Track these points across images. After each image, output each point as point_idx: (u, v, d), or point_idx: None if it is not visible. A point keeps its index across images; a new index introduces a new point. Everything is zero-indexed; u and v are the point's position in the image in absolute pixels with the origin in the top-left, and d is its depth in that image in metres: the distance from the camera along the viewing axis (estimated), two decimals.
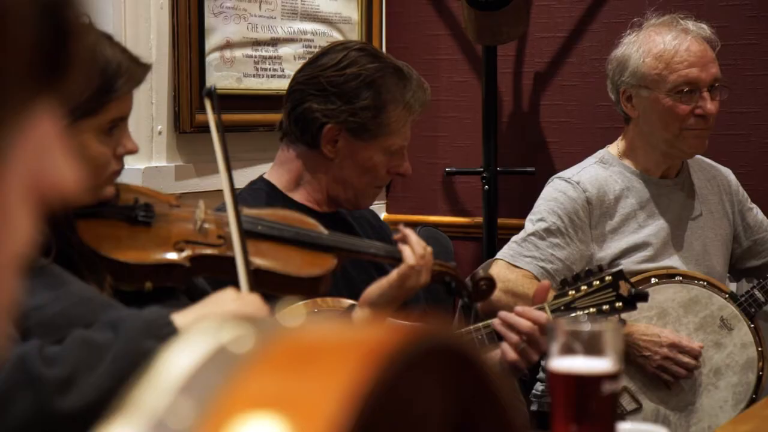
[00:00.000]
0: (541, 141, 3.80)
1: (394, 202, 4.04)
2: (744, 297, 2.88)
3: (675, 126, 2.83)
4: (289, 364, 0.53)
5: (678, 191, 2.98)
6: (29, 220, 0.57)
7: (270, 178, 2.48)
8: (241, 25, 3.31)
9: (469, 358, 0.59)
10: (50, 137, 0.57)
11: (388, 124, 2.37)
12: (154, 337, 1.59)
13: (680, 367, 2.75)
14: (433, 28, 3.94)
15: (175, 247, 1.86)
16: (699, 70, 2.82)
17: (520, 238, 2.88)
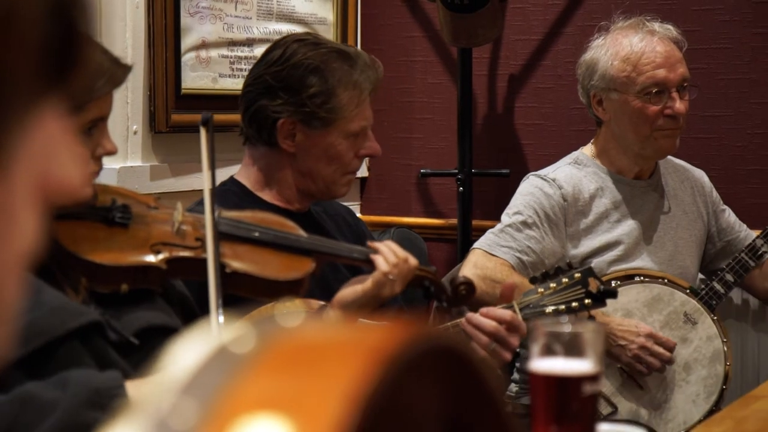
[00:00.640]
0: (515, 143, 3.81)
1: (369, 204, 4.04)
2: (705, 290, 2.91)
3: (646, 127, 2.86)
4: (291, 365, 0.53)
5: (651, 192, 3.00)
6: (34, 220, 0.57)
7: (239, 178, 2.46)
8: (217, 26, 3.31)
9: (465, 357, 0.60)
10: (56, 136, 0.57)
11: (341, 108, 2.34)
12: (100, 408, 1.54)
13: (654, 358, 2.77)
14: (409, 30, 3.95)
15: (152, 249, 1.85)
16: (667, 71, 2.85)
17: (497, 230, 2.90)
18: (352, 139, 2.38)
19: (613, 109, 2.90)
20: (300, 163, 2.39)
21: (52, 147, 0.57)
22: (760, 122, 3.50)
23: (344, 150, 2.38)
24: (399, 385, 0.53)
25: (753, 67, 3.50)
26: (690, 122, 3.53)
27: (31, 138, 0.55)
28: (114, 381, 1.59)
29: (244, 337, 0.56)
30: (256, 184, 2.44)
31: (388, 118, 3.95)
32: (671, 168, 3.09)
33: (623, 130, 2.91)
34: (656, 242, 2.96)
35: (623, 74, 2.86)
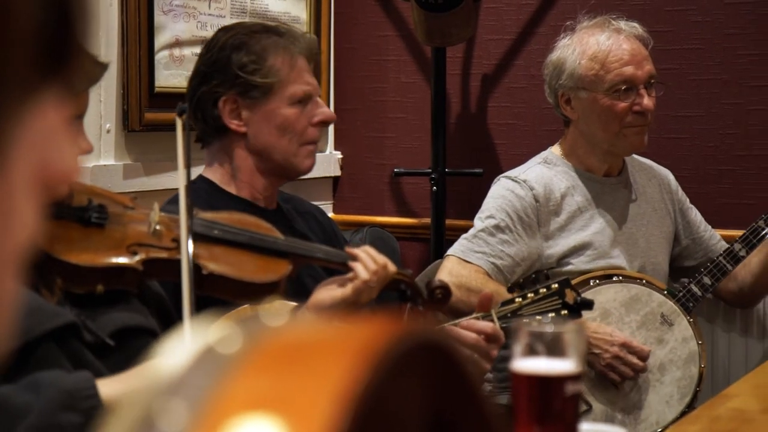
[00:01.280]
0: (488, 142, 3.82)
1: (341, 203, 4.04)
2: (682, 292, 2.93)
3: (615, 124, 2.88)
4: (280, 364, 0.53)
5: (621, 189, 3.02)
6: (34, 211, 0.57)
7: (207, 175, 2.46)
8: (191, 24, 3.29)
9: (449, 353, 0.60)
10: (54, 126, 0.57)
11: (274, 72, 2.34)
12: (73, 409, 1.53)
13: (628, 367, 2.78)
14: (382, 29, 3.94)
15: (128, 249, 1.83)
16: (634, 68, 2.87)
17: (470, 235, 2.91)
18: (299, 106, 2.38)
19: (582, 107, 2.92)
20: (253, 141, 2.39)
21: (51, 136, 0.56)
22: (732, 123, 3.52)
23: (293, 117, 2.38)
24: (387, 383, 0.53)
25: (725, 68, 3.52)
26: (662, 122, 3.55)
27: (29, 128, 0.55)
28: (86, 382, 1.58)
29: (230, 337, 0.55)
30: (223, 178, 2.43)
31: (361, 117, 3.94)
32: (638, 166, 3.11)
33: (592, 128, 2.92)
34: (629, 238, 2.98)
35: (591, 72, 2.88)
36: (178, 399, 0.52)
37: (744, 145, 3.51)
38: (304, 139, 2.40)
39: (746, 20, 3.50)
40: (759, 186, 3.49)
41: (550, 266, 2.90)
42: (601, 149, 2.95)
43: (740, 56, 3.51)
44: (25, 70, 0.53)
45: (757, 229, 2.91)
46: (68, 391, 1.55)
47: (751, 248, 2.93)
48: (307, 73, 2.41)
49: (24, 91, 0.54)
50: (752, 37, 3.49)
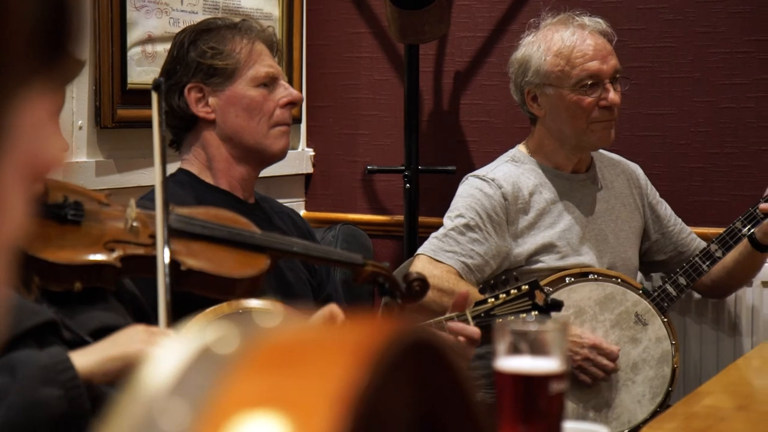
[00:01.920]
0: (461, 140, 3.82)
1: (313, 200, 4.03)
2: (657, 292, 2.94)
3: (582, 119, 2.88)
4: (279, 364, 0.53)
5: (590, 185, 3.03)
6: (23, 204, 0.56)
7: (186, 167, 2.47)
8: (163, 20, 3.27)
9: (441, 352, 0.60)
10: (42, 119, 0.56)
11: (234, 54, 2.39)
12: (52, 383, 1.55)
13: (598, 369, 2.79)
14: (354, 26, 3.94)
15: (106, 246, 1.82)
16: (600, 63, 2.88)
17: (440, 234, 2.91)
18: (264, 88, 2.42)
19: (549, 104, 2.92)
20: (222, 126, 2.41)
21: (39, 129, 0.56)
22: (703, 120, 3.54)
23: (259, 98, 2.41)
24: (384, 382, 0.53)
25: (696, 66, 3.54)
26: (633, 120, 3.57)
27: (23, 118, 0.54)
28: (60, 355, 1.60)
29: (227, 337, 0.55)
30: (202, 168, 2.45)
31: (334, 114, 3.94)
32: (606, 161, 3.12)
33: (560, 124, 2.93)
34: (598, 235, 2.99)
35: (557, 68, 2.88)
36: (179, 399, 0.51)
37: (715, 142, 3.53)
38: (274, 120, 2.43)
39: (718, 18, 3.51)
40: (730, 184, 3.50)
41: (519, 264, 2.90)
42: (568, 145, 2.96)
43: (712, 54, 3.52)
44: (21, 61, 0.53)
45: (734, 230, 2.93)
46: (45, 366, 1.56)
47: (727, 249, 2.94)
48: (268, 57, 2.44)
49: (19, 82, 0.53)
50: (724, 35, 3.51)
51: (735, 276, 3.09)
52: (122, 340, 1.65)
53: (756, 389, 2.44)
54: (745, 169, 3.49)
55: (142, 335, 1.65)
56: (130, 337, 1.65)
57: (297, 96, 2.49)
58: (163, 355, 0.54)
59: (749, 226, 2.91)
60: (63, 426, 1.59)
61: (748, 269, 3.08)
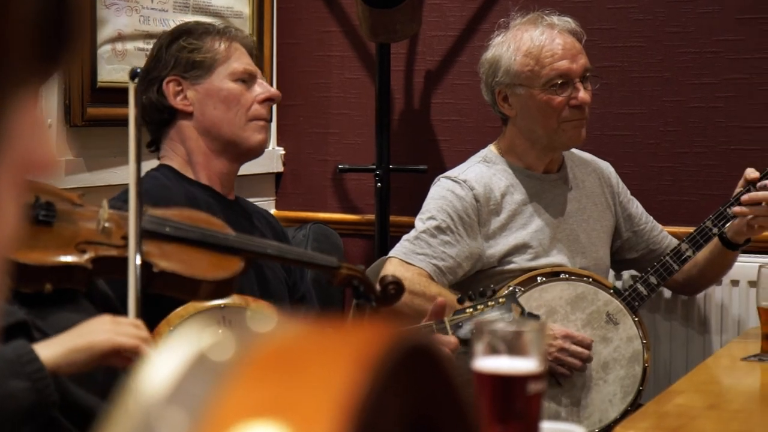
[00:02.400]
0: (432, 139, 3.82)
1: (284, 199, 4.02)
2: (628, 291, 2.95)
3: (553, 119, 2.89)
4: (278, 371, 0.52)
5: (561, 185, 3.03)
6: (18, 206, 0.55)
7: (167, 162, 2.49)
8: (133, 18, 3.25)
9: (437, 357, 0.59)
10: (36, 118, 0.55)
11: (212, 50, 2.42)
12: (18, 375, 1.55)
13: (574, 358, 2.79)
14: (325, 25, 3.93)
15: (77, 248, 1.80)
16: (569, 62, 2.88)
17: (412, 237, 2.90)
18: (242, 84, 2.45)
19: (519, 104, 2.92)
20: (200, 119, 2.44)
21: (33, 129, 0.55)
22: (673, 120, 3.55)
23: (237, 91, 2.44)
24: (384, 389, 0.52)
25: (666, 66, 3.55)
26: (604, 119, 3.58)
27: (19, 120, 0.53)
28: (23, 347, 1.60)
29: (222, 343, 0.54)
30: (183, 163, 2.47)
31: (305, 112, 3.93)
32: (577, 161, 3.13)
33: (531, 123, 2.93)
34: (570, 235, 2.99)
35: (527, 68, 2.89)
36: (177, 408, 0.51)
37: (684, 142, 3.54)
38: (251, 114, 2.46)
39: (687, 18, 3.53)
40: (699, 183, 3.52)
41: (492, 266, 2.90)
42: (540, 145, 2.96)
43: (681, 54, 3.54)
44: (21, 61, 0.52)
45: (704, 229, 2.94)
46: (10, 360, 1.56)
47: (698, 249, 2.95)
48: (246, 56, 2.47)
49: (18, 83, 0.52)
50: (693, 35, 3.52)
51: (706, 274, 3.11)
52: (87, 330, 1.64)
53: (726, 388, 2.45)
54: (714, 168, 3.50)
55: (107, 325, 1.65)
56: (96, 328, 1.64)
57: (275, 93, 2.51)
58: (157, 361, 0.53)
59: (720, 225, 2.92)
60: (31, 417, 1.59)
61: (719, 267, 3.10)
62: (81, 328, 1.66)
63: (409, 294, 2.74)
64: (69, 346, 1.62)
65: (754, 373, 2.51)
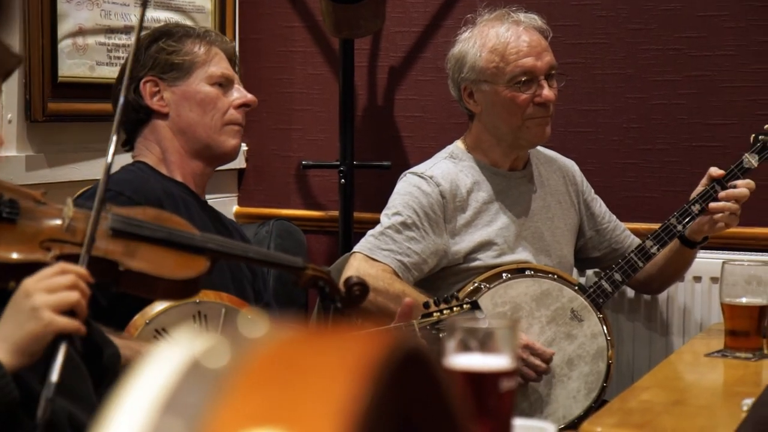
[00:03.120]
0: (396, 135, 3.81)
1: (246, 195, 4.00)
2: (592, 288, 2.95)
3: (517, 116, 2.88)
4: (276, 379, 0.51)
5: (527, 183, 3.03)
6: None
7: (141, 158, 2.48)
8: (94, 12, 3.22)
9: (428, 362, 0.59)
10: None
11: (191, 53, 2.43)
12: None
13: (530, 370, 2.80)
14: (288, 20, 3.91)
15: (42, 245, 1.78)
16: (534, 59, 2.88)
17: (377, 232, 2.89)
18: (219, 88, 2.46)
19: (485, 100, 2.92)
20: (176, 120, 2.44)
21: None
22: (636, 117, 3.57)
23: (213, 95, 2.45)
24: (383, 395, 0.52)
25: (629, 63, 3.56)
26: (567, 116, 3.58)
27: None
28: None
29: (216, 350, 0.53)
30: (158, 161, 2.47)
31: (267, 108, 3.90)
32: (542, 158, 3.13)
33: (496, 120, 2.93)
34: (534, 233, 3.00)
35: (492, 65, 2.88)
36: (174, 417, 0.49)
37: (647, 139, 3.55)
38: (227, 118, 2.47)
39: (650, 15, 3.54)
40: (662, 179, 3.54)
41: (457, 262, 2.90)
42: (505, 142, 2.96)
43: (644, 51, 3.55)
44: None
45: (669, 226, 2.95)
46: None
47: (662, 245, 2.96)
48: (225, 61, 2.49)
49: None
50: (655, 32, 3.54)
51: (666, 272, 3.12)
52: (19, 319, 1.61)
53: (690, 384, 2.46)
54: (677, 165, 3.52)
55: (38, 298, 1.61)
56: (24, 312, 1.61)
57: (252, 99, 2.52)
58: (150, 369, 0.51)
59: (684, 222, 2.93)
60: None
61: (678, 265, 3.11)
62: (11, 318, 1.62)
63: (372, 291, 2.74)
64: (14, 343, 1.60)
65: (718, 368, 2.52)
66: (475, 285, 2.85)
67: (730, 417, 1.99)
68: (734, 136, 3.42)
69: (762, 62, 3.44)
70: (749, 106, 3.44)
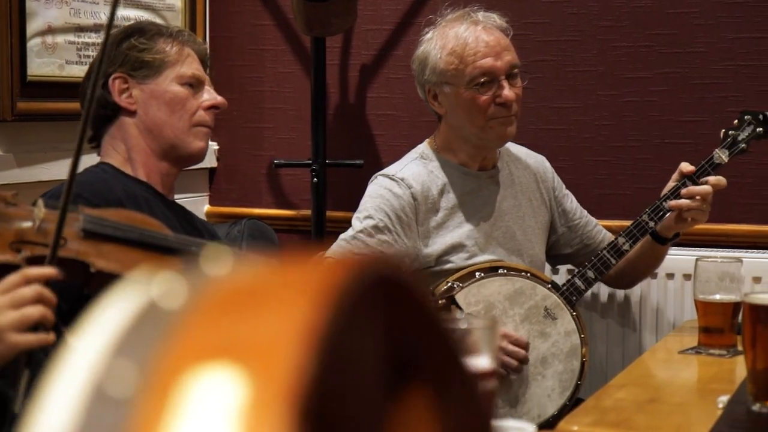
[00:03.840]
0: (368, 134, 3.80)
1: (218, 194, 3.98)
2: (565, 286, 2.94)
3: (480, 117, 2.87)
4: (233, 311, 0.48)
5: (497, 182, 3.02)
6: None
7: (106, 160, 2.46)
8: (64, 10, 3.19)
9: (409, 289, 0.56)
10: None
11: (163, 51, 2.42)
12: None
13: (511, 357, 2.79)
14: (259, 18, 3.89)
15: (12, 247, 1.76)
16: (493, 60, 2.86)
17: (348, 236, 2.87)
18: (189, 88, 2.44)
19: (448, 102, 2.91)
20: (144, 118, 2.42)
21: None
22: (608, 114, 3.57)
23: (183, 95, 2.43)
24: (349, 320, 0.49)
25: (600, 60, 3.57)
26: (539, 113, 3.58)
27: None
28: None
29: (173, 290, 0.51)
30: (123, 161, 2.44)
31: (238, 107, 3.88)
32: (512, 156, 3.11)
33: (460, 122, 2.91)
34: (506, 233, 2.99)
35: (452, 67, 2.87)
36: (125, 359, 0.47)
37: (619, 136, 3.56)
38: (195, 119, 2.45)
39: (621, 12, 3.55)
40: (634, 176, 3.54)
41: (429, 265, 2.88)
42: (471, 142, 2.95)
43: (615, 48, 3.55)
44: None
45: (641, 223, 2.95)
46: None
47: (635, 242, 2.96)
48: (197, 62, 2.46)
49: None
50: (626, 29, 3.54)
51: (638, 267, 3.12)
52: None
53: (664, 381, 2.46)
54: (648, 162, 3.53)
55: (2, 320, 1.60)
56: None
57: (221, 101, 2.50)
58: (101, 314, 0.49)
59: (656, 219, 2.93)
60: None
61: (650, 261, 3.11)
62: None
63: None
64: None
65: (692, 366, 2.52)
66: (448, 284, 2.85)
67: (706, 414, 1.99)
68: (705, 133, 3.43)
69: (732, 59, 3.45)
70: (720, 102, 3.45)
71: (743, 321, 1.99)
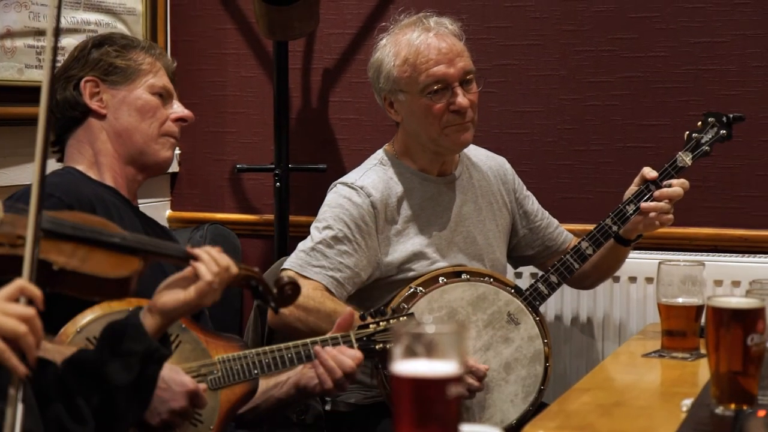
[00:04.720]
0: (331, 138, 3.79)
1: (179, 199, 3.95)
2: (528, 291, 2.94)
3: (435, 125, 2.85)
4: None
5: (456, 187, 3.00)
6: None
7: (72, 164, 2.46)
8: (23, 14, 3.16)
9: None
10: None
11: (135, 59, 2.46)
12: None
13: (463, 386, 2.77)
14: (220, 22, 3.87)
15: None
16: (446, 67, 2.84)
17: (307, 247, 2.84)
18: (159, 98, 2.48)
19: (403, 110, 2.89)
20: (113, 123, 2.45)
21: None
22: (570, 118, 3.58)
23: (153, 103, 2.47)
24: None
25: (563, 64, 3.57)
26: (501, 118, 3.59)
27: None
28: None
29: None
30: (90, 165, 2.45)
31: (200, 111, 3.86)
32: (473, 160, 3.10)
33: (416, 129, 2.90)
34: (467, 238, 2.98)
35: (405, 75, 2.85)
36: None
37: (582, 140, 3.57)
38: (164, 129, 2.49)
39: (583, 17, 3.55)
40: (597, 180, 3.55)
41: (390, 274, 2.86)
42: (429, 149, 2.93)
43: (578, 52, 3.56)
44: None
45: (604, 227, 2.95)
46: None
47: (598, 246, 2.96)
48: (166, 77, 2.52)
49: None
50: (588, 33, 3.55)
51: (600, 269, 3.12)
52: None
53: (628, 385, 2.46)
54: (611, 165, 3.54)
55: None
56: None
57: (189, 114, 2.54)
58: None
59: (620, 222, 2.94)
60: None
61: (612, 262, 3.11)
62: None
63: (304, 311, 2.71)
64: None
65: (655, 369, 2.53)
66: (411, 290, 2.83)
67: (670, 417, 1.99)
68: (667, 137, 3.44)
69: (693, 63, 3.46)
70: (681, 106, 3.47)
71: (706, 324, 1.99)
